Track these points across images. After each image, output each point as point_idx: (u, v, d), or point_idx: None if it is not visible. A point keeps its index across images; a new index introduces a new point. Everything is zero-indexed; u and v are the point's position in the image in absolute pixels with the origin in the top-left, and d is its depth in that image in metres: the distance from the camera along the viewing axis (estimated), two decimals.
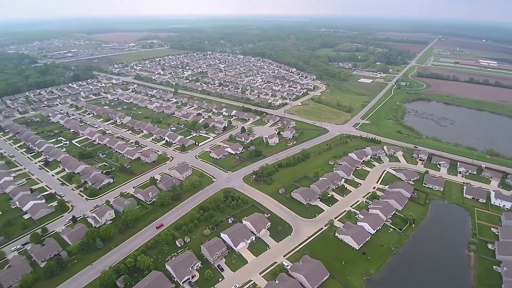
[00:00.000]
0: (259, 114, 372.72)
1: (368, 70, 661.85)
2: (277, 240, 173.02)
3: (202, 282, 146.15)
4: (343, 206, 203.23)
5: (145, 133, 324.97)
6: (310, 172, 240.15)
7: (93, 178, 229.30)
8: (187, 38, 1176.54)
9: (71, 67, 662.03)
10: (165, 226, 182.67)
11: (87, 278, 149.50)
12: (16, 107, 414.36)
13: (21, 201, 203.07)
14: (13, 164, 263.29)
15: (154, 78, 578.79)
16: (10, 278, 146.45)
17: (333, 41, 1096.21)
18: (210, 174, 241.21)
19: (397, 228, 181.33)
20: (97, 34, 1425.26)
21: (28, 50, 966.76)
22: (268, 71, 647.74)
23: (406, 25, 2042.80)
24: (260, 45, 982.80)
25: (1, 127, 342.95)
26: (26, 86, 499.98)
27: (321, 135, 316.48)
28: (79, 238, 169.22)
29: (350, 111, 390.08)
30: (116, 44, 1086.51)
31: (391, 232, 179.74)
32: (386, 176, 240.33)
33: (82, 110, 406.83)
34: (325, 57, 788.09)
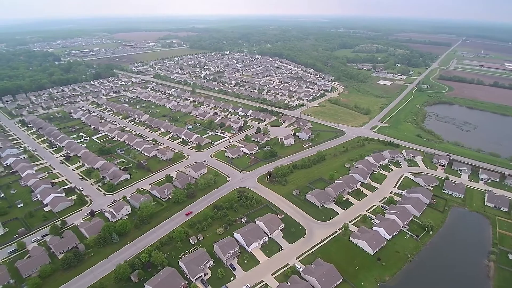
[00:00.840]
0: (275, 114, 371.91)
1: (388, 72, 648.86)
2: (290, 241, 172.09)
3: (214, 281, 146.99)
4: (359, 210, 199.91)
5: (162, 131, 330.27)
6: (325, 175, 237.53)
7: (111, 173, 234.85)
8: (206, 38, 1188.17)
9: (93, 65, 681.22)
10: (179, 224, 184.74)
11: (103, 271, 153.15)
12: (40, 103, 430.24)
13: (42, 194, 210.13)
14: (35, 158, 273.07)
15: (173, 77, 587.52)
16: (29, 268, 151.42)
17: (352, 42, 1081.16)
18: (225, 173, 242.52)
19: (414, 235, 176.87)
20: (119, 33, 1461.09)
21: (53, 48, 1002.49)
22: (285, 72, 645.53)
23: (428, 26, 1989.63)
24: (278, 45, 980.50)
25: (25, 122, 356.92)
26: (50, 83, 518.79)
27: (337, 137, 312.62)
28: (96, 232, 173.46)
29: (368, 113, 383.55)
30: (137, 43, 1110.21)
31: (408, 238, 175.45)
32: (404, 181, 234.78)
33: (102, 107, 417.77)
34: (344, 58, 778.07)
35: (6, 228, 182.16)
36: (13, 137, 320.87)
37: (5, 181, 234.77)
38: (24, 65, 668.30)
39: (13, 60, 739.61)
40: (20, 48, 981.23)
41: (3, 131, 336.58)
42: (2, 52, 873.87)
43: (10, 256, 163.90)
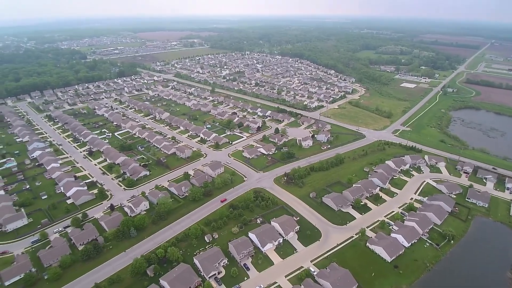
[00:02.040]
0: (294, 115, 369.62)
1: (412, 74, 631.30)
2: (305, 244, 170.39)
3: (228, 279, 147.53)
4: (377, 215, 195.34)
5: (181, 129, 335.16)
6: (343, 178, 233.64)
7: (131, 169, 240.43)
8: (227, 38, 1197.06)
9: (117, 64, 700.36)
10: (195, 221, 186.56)
11: (120, 264, 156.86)
12: (66, 99, 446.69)
13: (66, 186, 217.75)
14: (60, 152, 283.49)
15: (193, 76, 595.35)
16: (50, 257, 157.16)
17: (375, 43, 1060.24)
18: (242, 173, 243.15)
19: (434, 243, 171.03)
20: (143, 33, 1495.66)
21: (79, 46, 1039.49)
22: (306, 73, 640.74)
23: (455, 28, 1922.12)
24: (298, 46, 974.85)
25: (52, 117, 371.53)
26: (76, 80, 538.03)
27: (357, 140, 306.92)
28: (115, 226, 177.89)
29: (390, 116, 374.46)
30: (159, 43, 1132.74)
31: (427, 247, 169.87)
32: (425, 187, 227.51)
33: (125, 105, 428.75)
34: (366, 59, 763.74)
35: (30, 219, 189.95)
36: (40, 131, 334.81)
37: (31, 173, 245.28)
38: (52, 62, 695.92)
39: (41, 57, 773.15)
40: (49, 45, 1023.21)
41: (30, 125, 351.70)
42: (32, 50, 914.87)
43: (33, 245, 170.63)
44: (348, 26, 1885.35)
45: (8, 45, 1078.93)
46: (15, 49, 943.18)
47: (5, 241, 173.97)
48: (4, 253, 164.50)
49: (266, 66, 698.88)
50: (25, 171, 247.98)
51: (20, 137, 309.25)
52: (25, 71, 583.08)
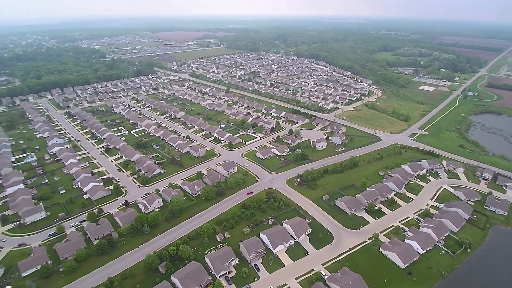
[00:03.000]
0: (309, 117, 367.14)
1: (431, 77, 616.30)
2: (316, 247, 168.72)
3: (238, 279, 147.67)
4: (391, 220, 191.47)
5: (196, 128, 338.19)
6: (357, 181, 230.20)
7: (146, 167, 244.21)
8: (243, 38, 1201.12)
9: (135, 63, 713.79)
10: (207, 220, 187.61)
11: (133, 260, 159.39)
12: (85, 97, 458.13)
13: (83, 182, 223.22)
14: (78, 148, 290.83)
15: (209, 76, 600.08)
16: (66, 251, 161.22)
17: (394, 44, 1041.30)
18: (255, 173, 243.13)
19: (450, 251, 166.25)
20: (160, 33, 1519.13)
21: (99, 45, 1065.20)
22: (321, 74, 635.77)
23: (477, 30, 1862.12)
24: (314, 47, 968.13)
25: (71, 114, 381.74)
26: (95, 78, 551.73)
27: (372, 143, 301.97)
28: (129, 222, 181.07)
29: (407, 120, 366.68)
30: (176, 42, 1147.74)
31: (443, 254, 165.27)
32: (442, 193, 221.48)
33: (141, 103, 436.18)
34: (384, 61, 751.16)
35: (48, 212, 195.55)
36: (59, 127, 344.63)
37: (50, 168, 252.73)
38: (72, 60, 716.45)
39: (62, 55, 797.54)
40: (70, 44, 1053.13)
41: (50, 121, 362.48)
42: (53, 48, 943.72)
43: (50, 238, 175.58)
44: (366, 27, 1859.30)
45: (30, 43, 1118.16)
46: (37, 48, 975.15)
47: (24, 233, 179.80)
48: (22, 245, 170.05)
49: (282, 67, 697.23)
50: (44, 166, 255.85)
51: (41, 132, 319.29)
52: (46, 69, 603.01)
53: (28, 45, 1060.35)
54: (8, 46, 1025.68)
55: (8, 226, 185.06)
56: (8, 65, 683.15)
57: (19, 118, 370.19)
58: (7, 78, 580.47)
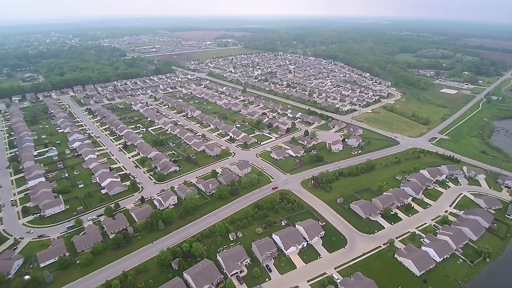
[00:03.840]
0: (325, 118, 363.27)
1: (453, 80, 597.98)
2: (329, 250, 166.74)
3: (249, 279, 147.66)
4: (407, 226, 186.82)
5: (212, 127, 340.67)
6: (373, 185, 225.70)
7: (162, 164, 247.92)
8: (260, 38, 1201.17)
9: (154, 61, 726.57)
10: (220, 219, 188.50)
11: (147, 255, 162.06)
12: (105, 94, 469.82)
13: (101, 177, 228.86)
14: (97, 144, 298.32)
15: (226, 76, 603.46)
16: (83, 243, 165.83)
17: (415, 46, 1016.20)
18: (269, 174, 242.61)
19: (468, 260, 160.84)
20: (179, 32, 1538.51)
21: (120, 44, 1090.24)
22: (339, 75, 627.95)
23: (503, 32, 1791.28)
24: (333, 47, 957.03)
25: (92, 110, 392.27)
26: (115, 76, 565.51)
27: (390, 146, 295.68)
28: (144, 217, 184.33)
29: (427, 123, 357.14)
30: (195, 42, 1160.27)
31: (460, 263, 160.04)
32: (462, 200, 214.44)
33: (159, 101, 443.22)
34: (404, 62, 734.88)
35: (67, 205, 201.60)
36: (80, 123, 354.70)
37: (70, 162, 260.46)
38: (94, 58, 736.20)
39: (84, 53, 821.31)
40: (92, 42, 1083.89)
41: (72, 117, 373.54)
42: (76, 46, 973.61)
43: (68, 231, 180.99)
44: (386, 28, 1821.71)
45: (54, 41, 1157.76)
46: (60, 45, 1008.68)
47: (43, 225, 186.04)
48: (41, 236, 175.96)
49: (299, 67, 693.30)
50: (64, 161, 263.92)
51: (62, 128, 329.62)
52: (69, 66, 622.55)
53: (52, 42, 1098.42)
54: (33, 43, 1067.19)
55: (29, 217, 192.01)
56: (32, 62, 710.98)
57: (42, 114, 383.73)
58: (32, 74, 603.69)
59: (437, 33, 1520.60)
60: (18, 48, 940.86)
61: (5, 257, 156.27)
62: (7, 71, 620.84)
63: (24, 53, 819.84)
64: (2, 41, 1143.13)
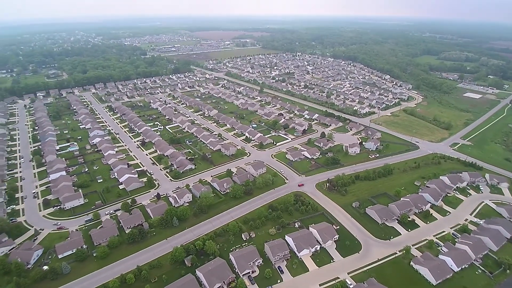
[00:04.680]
0: (342, 120, 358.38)
1: (478, 83, 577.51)
2: (343, 255, 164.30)
3: (261, 280, 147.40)
4: (425, 234, 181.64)
5: (228, 127, 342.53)
6: (390, 190, 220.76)
7: (178, 162, 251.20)
8: (279, 39, 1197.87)
9: (173, 61, 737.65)
10: (233, 218, 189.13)
11: (161, 251, 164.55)
12: (126, 92, 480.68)
13: (119, 173, 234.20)
14: (117, 141, 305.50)
15: (243, 76, 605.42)
16: (100, 237, 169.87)
17: (438, 48, 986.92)
18: (284, 175, 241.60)
19: (487, 271, 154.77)
20: (198, 32, 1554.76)
21: (140, 43, 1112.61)
22: (358, 77, 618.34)
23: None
24: (352, 48, 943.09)
25: (112, 107, 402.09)
26: (135, 75, 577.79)
27: (409, 151, 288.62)
28: (160, 214, 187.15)
29: (449, 128, 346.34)
30: (213, 42, 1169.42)
31: (479, 274, 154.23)
32: (483, 209, 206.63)
33: (177, 100, 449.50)
34: (426, 65, 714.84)
35: (86, 199, 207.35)
36: (100, 120, 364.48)
37: (90, 157, 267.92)
38: (115, 57, 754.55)
39: (106, 52, 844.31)
40: (114, 41, 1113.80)
41: (93, 114, 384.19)
42: (98, 44, 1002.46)
43: (86, 224, 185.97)
44: (409, 29, 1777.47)
45: (78, 39, 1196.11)
46: (84, 44, 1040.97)
47: (63, 217, 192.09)
48: (61, 228, 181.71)
49: (317, 68, 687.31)
50: (85, 156, 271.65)
51: (84, 124, 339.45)
52: (91, 64, 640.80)
53: (76, 41, 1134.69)
54: (58, 41, 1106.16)
55: (49, 210, 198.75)
56: (57, 59, 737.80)
57: (65, 110, 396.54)
58: (56, 71, 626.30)
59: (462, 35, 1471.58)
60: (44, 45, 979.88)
61: (25, 247, 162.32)
62: (32, 68, 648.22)
63: (49, 50, 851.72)
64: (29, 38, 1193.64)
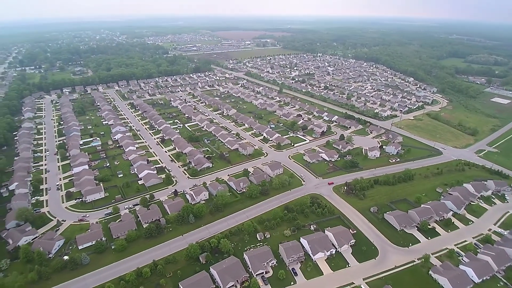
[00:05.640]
0: (363, 123, 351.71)
1: (506, 88, 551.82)
2: (359, 260, 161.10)
3: (274, 280, 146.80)
4: (445, 242, 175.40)
5: (246, 126, 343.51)
6: (410, 196, 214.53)
7: (196, 160, 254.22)
8: (300, 39, 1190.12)
9: (194, 60, 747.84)
10: (249, 218, 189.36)
11: (177, 247, 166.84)
12: (147, 90, 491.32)
13: (139, 168, 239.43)
14: (137, 137, 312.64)
15: (263, 76, 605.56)
16: (119, 230, 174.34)
17: (465, 50, 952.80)
18: (300, 176, 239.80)
19: (509, 284, 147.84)
20: (219, 32, 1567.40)
21: (163, 42, 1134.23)
22: (380, 79, 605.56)
23: None
24: (375, 50, 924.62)
25: (134, 105, 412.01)
26: (157, 73, 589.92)
27: (432, 156, 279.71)
28: (176, 210, 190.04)
29: (475, 134, 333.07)
30: (234, 41, 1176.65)
31: (501, 286, 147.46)
32: (508, 219, 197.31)
33: (197, 99, 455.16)
34: (452, 68, 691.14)
35: (106, 193, 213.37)
36: (122, 116, 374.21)
37: (111, 153, 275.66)
38: (138, 55, 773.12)
39: (130, 50, 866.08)
40: (137, 40, 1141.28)
41: (116, 110, 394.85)
42: (123, 43, 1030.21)
43: (106, 217, 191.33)
44: (434, 30, 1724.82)
45: (103, 37, 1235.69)
46: (109, 42, 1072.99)
47: (84, 209, 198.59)
48: (81, 220, 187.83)
49: (338, 70, 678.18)
50: (107, 151, 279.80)
51: (106, 120, 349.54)
52: (115, 62, 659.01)
53: (101, 39, 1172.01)
54: (84, 39, 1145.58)
55: (72, 202, 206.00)
56: (83, 57, 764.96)
57: (89, 106, 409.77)
58: (82, 68, 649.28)
59: (491, 37, 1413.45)
60: (71, 43, 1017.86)
61: (47, 237, 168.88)
62: (60, 65, 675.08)
63: (76, 48, 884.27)
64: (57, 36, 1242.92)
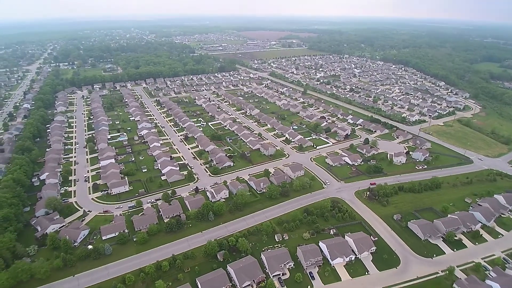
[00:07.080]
0: (389, 127, 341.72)
1: None
2: (379, 268, 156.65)
3: (291, 283, 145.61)
4: (472, 255, 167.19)
5: (268, 127, 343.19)
6: (437, 205, 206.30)
7: (218, 158, 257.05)
8: (326, 40, 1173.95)
9: (219, 59, 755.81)
10: (268, 218, 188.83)
11: (196, 243, 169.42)
12: (173, 88, 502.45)
13: (162, 164, 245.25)
14: (162, 134, 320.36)
15: (287, 77, 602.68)
16: (141, 223, 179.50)
17: (501, 54, 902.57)
18: (322, 179, 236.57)
19: None
20: (245, 32, 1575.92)
21: (190, 41, 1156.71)
22: (409, 82, 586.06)
23: None
24: (404, 52, 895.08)
25: (160, 102, 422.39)
26: (183, 72, 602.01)
27: (461, 165, 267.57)
28: (197, 207, 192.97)
29: (509, 143, 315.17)
30: (259, 42, 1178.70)
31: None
32: None
33: (221, 98, 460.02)
34: (487, 73, 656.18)
35: (131, 187, 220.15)
36: (149, 113, 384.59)
37: (137, 148, 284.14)
38: (166, 54, 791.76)
39: (158, 49, 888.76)
40: (165, 39, 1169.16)
41: (142, 107, 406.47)
42: (151, 42, 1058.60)
43: (129, 210, 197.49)
44: (468, 33, 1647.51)
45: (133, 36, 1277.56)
46: (138, 40, 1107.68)
47: (109, 202, 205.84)
48: (106, 212, 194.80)
49: (365, 72, 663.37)
50: (133, 146, 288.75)
51: (133, 116, 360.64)
52: (144, 60, 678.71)
53: (131, 38, 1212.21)
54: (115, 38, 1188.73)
55: (98, 193, 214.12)
56: (113, 55, 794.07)
57: (118, 102, 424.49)
58: (112, 65, 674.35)
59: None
60: (102, 41, 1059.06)
61: (74, 226, 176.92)
62: (91, 62, 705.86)
63: (107, 46, 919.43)
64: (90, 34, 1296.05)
